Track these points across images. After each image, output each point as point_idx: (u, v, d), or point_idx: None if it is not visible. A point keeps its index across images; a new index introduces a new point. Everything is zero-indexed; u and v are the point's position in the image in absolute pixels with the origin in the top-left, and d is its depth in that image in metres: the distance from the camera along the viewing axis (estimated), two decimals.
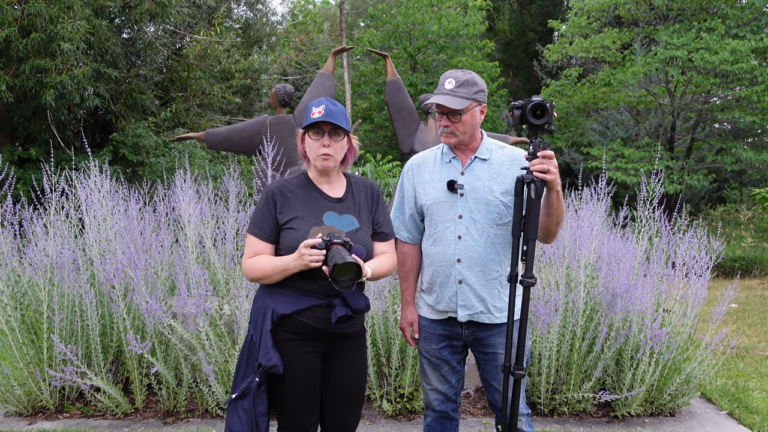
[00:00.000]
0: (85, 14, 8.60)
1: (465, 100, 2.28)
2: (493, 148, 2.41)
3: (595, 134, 14.99)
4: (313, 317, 2.19)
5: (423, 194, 2.44)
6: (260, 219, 2.24)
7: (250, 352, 2.21)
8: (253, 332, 2.21)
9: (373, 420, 3.75)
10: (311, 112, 2.21)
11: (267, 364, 2.13)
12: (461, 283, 2.36)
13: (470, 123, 2.33)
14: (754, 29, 11.04)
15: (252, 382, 2.16)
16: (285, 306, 2.18)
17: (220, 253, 4.14)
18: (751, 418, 3.84)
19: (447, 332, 2.46)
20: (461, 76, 2.30)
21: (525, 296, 2.15)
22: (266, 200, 2.24)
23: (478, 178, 2.35)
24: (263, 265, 2.19)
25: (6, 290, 3.71)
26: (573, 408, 3.81)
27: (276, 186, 2.26)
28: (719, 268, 9.35)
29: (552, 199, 2.20)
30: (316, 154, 2.22)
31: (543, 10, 19.70)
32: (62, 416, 3.83)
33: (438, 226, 2.39)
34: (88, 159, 4.21)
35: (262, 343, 2.16)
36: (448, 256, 2.37)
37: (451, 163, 2.41)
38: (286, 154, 5.21)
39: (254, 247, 2.23)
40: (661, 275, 3.91)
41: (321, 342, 2.24)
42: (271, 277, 2.18)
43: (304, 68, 18.39)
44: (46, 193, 4.08)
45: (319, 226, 2.20)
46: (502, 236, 2.35)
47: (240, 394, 2.17)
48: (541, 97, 2.10)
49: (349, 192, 2.33)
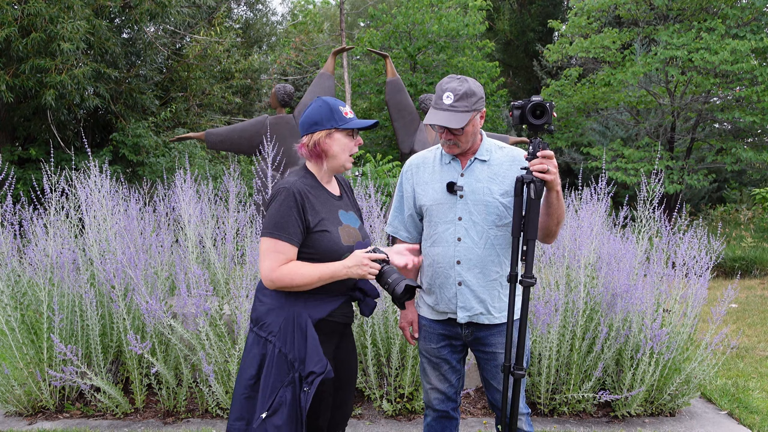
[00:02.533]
0: (85, 14, 8.60)
1: (465, 114, 2.23)
2: (493, 149, 2.40)
3: (595, 134, 14.98)
4: (339, 315, 2.23)
5: (422, 195, 2.43)
6: (288, 223, 2.09)
7: (280, 365, 2.10)
8: (283, 344, 2.11)
9: (373, 420, 3.74)
10: (342, 111, 2.17)
11: (322, 370, 2.06)
12: (461, 285, 2.35)
13: (472, 132, 2.31)
14: (754, 29, 11.04)
15: (284, 395, 2.08)
16: (318, 310, 2.15)
17: (220, 253, 4.14)
18: (751, 418, 3.84)
19: (447, 332, 2.46)
20: (459, 89, 2.22)
21: (525, 296, 2.15)
22: (293, 203, 2.10)
23: (478, 180, 2.34)
24: (306, 272, 2.08)
25: (6, 290, 3.71)
26: (573, 408, 3.81)
27: (298, 188, 2.13)
28: (719, 268, 9.35)
29: (552, 199, 2.20)
30: (349, 153, 2.21)
31: (543, 10, 19.70)
32: (62, 416, 3.83)
33: (437, 228, 2.39)
34: (88, 159, 4.22)
35: (310, 351, 2.08)
36: (447, 257, 2.36)
37: (450, 164, 2.40)
38: (286, 154, 5.22)
39: (285, 254, 2.09)
40: (661, 275, 3.90)
41: (337, 337, 2.28)
42: (314, 284, 2.10)
43: (304, 68, 18.40)
44: (46, 193, 4.07)
45: (340, 225, 2.21)
46: (502, 237, 2.34)
47: (271, 413, 2.07)
48: (541, 97, 2.09)
49: (341, 189, 2.36)
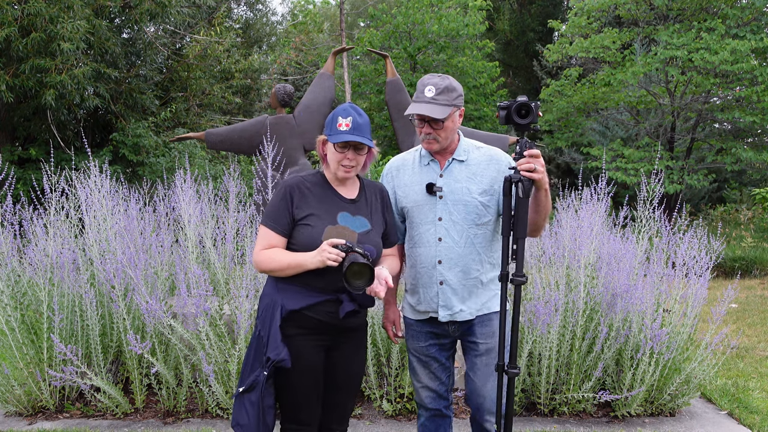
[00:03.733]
0: (85, 14, 8.60)
1: (446, 107, 2.29)
2: (470, 149, 2.44)
3: (595, 134, 14.97)
4: (320, 312, 2.22)
5: (403, 197, 2.46)
6: (276, 213, 2.24)
7: (258, 346, 2.23)
8: (261, 327, 2.24)
9: (373, 420, 3.75)
10: (338, 122, 2.22)
11: (276, 358, 2.16)
12: (442, 284, 2.39)
13: (451, 128, 2.36)
14: (754, 29, 11.03)
15: (260, 375, 2.19)
16: (294, 302, 2.21)
17: (220, 253, 4.14)
18: (751, 418, 3.84)
19: (433, 330, 2.49)
20: (440, 83, 2.30)
21: (516, 295, 2.17)
22: (283, 195, 2.25)
23: (456, 180, 2.38)
24: (279, 258, 2.21)
25: (6, 290, 3.71)
26: (573, 408, 3.81)
27: (294, 182, 2.28)
28: (719, 268, 9.34)
29: (540, 197, 2.23)
30: (338, 164, 2.25)
31: (543, 10, 19.70)
32: (62, 416, 3.83)
33: (419, 229, 2.42)
34: (88, 159, 4.21)
35: (271, 337, 2.19)
36: (429, 257, 2.40)
37: (429, 165, 2.44)
38: (286, 154, 5.22)
39: (268, 240, 2.24)
40: (661, 275, 3.90)
41: (327, 335, 2.27)
42: (284, 270, 2.21)
43: (304, 68, 18.40)
44: (46, 193, 4.07)
45: (333, 225, 2.22)
46: (481, 236, 2.38)
47: (247, 388, 2.20)
48: (526, 97, 2.13)
49: (362, 194, 2.35)
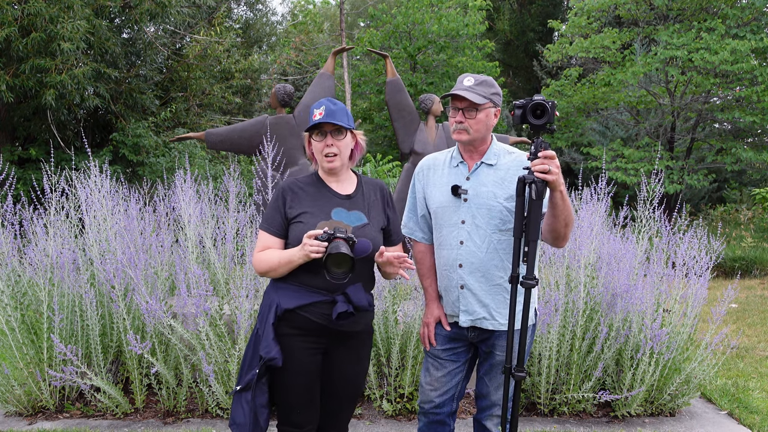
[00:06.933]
0: (85, 14, 8.60)
1: (483, 97, 2.30)
2: (501, 153, 2.40)
3: (595, 134, 14.98)
4: (315, 313, 2.21)
5: (430, 197, 2.46)
6: (270, 215, 2.29)
7: (256, 345, 2.24)
8: (259, 326, 2.26)
9: (373, 420, 3.75)
10: (313, 114, 2.25)
11: (266, 356, 2.16)
12: (463, 288, 2.37)
13: (484, 122, 2.33)
14: (754, 29, 11.04)
15: (255, 374, 2.19)
16: (289, 301, 2.21)
17: (220, 253, 4.14)
18: (751, 418, 3.84)
19: (452, 334, 2.47)
20: (479, 77, 2.35)
21: (526, 298, 2.14)
22: (276, 197, 2.30)
23: (483, 184, 2.35)
24: (269, 257, 2.23)
25: (6, 290, 3.71)
26: (573, 408, 3.81)
27: (287, 184, 2.32)
28: (719, 268, 9.35)
29: (556, 199, 2.16)
30: (321, 155, 2.27)
31: (543, 10, 19.71)
32: (62, 416, 3.83)
33: (443, 231, 2.41)
34: (88, 159, 4.21)
35: (264, 335, 2.20)
36: (450, 260, 2.38)
37: (458, 167, 2.42)
38: (286, 154, 5.21)
39: (264, 242, 2.28)
40: (661, 275, 3.90)
41: (323, 338, 2.25)
42: (276, 269, 2.22)
43: (304, 68, 18.41)
44: (46, 193, 4.07)
45: (326, 220, 2.22)
46: (506, 242, 2.33)
47: (244, 386, 2.21)
48: (542, 97, 2.09)
49: (359, 189, 2.35)
